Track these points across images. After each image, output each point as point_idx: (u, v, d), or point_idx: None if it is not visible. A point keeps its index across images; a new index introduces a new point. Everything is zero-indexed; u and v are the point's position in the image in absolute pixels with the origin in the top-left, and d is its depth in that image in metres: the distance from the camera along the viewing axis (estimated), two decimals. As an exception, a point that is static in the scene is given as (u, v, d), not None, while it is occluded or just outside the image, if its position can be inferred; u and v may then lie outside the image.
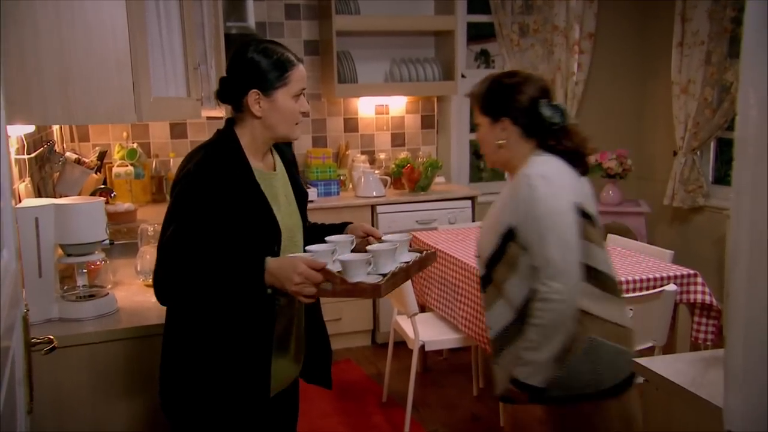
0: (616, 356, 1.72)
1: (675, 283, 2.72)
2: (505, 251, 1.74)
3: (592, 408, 1.72)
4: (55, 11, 1.72)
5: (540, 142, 1.79)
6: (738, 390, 0.83)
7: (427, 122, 4.70)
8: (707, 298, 2.79)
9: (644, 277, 2.74)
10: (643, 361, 1.59)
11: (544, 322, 1.65)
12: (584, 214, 1.73)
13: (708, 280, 2.92)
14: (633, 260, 2.99)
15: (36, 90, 1.72)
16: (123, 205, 3.43)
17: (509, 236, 1.73)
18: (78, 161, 3.15)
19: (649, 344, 2.67)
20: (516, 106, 1.77)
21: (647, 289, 2.70)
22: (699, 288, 2.80)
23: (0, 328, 1.05)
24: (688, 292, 2.80)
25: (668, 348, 2.78)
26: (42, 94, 1.72)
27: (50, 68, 1.72)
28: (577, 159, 1.81)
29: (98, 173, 3.53)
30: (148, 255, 2.23)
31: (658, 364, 1.56)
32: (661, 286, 2.69)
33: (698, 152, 4.53)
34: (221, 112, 3.08)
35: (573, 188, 1.75)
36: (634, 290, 2.70)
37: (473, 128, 4.94)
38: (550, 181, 1.71)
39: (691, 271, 2.80)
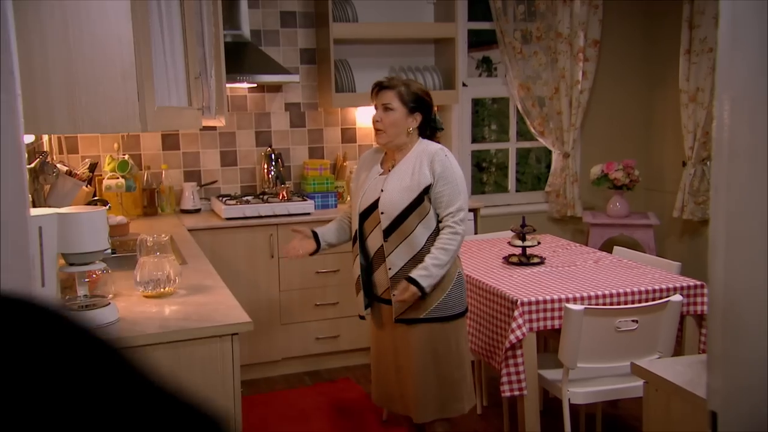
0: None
1: (681, 295, 2.85)
2: (419, 204, 2.51)
3: (460, 323, 2.63)
4: (62, 22, 1.87)
5: (423, 135, 2.66)
6: (719, 372, 0.97)
7: (427, 132, 4.84)
8: (715, 309, 2.93)
9: (650, 288, 2.88)
10: (642, 363, 1.72)
11: (454, 247, 2.51)
12: None
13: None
14: (639, 271, 3.13)
15: (42, 100, 1.87)
16: (116, 218, 3.56)
17: (425, 192, 2.51)
18: (69, 173, 3.29)
19: (656, 356, 2.80)
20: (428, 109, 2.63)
21: (653, 300, 2.84)
22: (706, 299, 2.94)
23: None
24: (695, 303, 2.94)
25: (676, 361, 2.91)
26: (48, 103, 1.87)
27: (57, 78, 1.86)
28: None
29: (89, 186, 3.67)
30: (147, 265, 2.36)
31: (658, 366, 1.70)
32: (668, 297, 2.83)
33: (708, 162, 4.68)
34: (220, 122, 3.23)
35: None
36: (639, 301, 2.84)
37: (475, 139, 5.11)
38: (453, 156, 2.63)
39: (698, 282, 2.94)
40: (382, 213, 2.55)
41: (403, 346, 2.62)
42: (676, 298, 2.77)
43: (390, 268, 2.56)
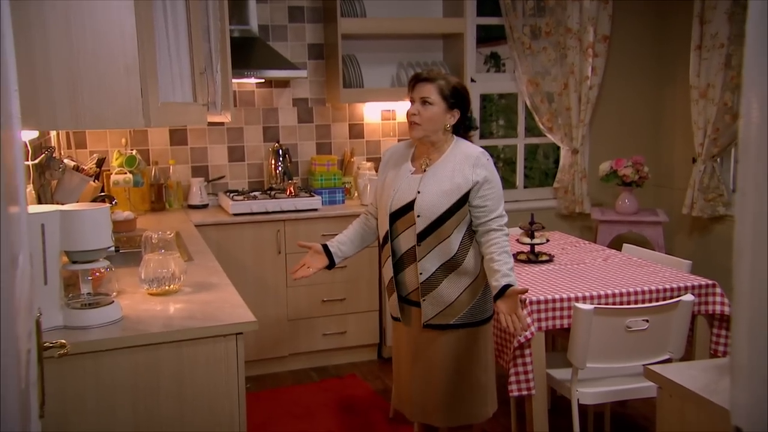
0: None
1: (693, 294, 2.78)
2: (459, 208, 2.38)
3: (487, 327, 2.54)
4: (64, 16, 1.81)
5: (456, 133, 2.51)
6: (744, 385, 0.90)
7: (435, 128, 4.78)
8: (726, 309, 2.86)
9: (661, 287, 2.81)
10: (656, 368, 1.66)
11: (508, 249, 2.39)
12: None
13: (728, 291, 2.98)
14: (649, 270, 3.06)
15: (44, 95, 1.82)
16: (122, 214, 3.52)
17: (465, 197, 2.38)
18: (77, 168, 3.25)
19: (666, 356, 2.74)
20: (466, 106, 2.49)
21: (664, 299, 2.77)
22: (718, 299, 2.87)
23: (21, 332, 1.14)
24: (706, 303, 2.87)
25: (685, 361, 2.84)
26: (50, 99, 1.82)
27: (59, 73, 1.81)
28: None
29: (96, 181, 3.63)
30: (152, 263, 2.31)
31: (672, 370, 1.63)
32: (679, 296, 2.76)
33: (718, 159, 4.60)
34: (226, 117, 3.17)
35: None
36: (650, 300, 2.77)
37: (483, 134, 5.04)
38: None
39: (710, 282, 2.87)
40: (418, 216, 2.39)
41: (426, 352, 2.49)
42: (688, 297, 2.70)
43: (421, 273, 2.42)
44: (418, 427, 2.83)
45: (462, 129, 2.50)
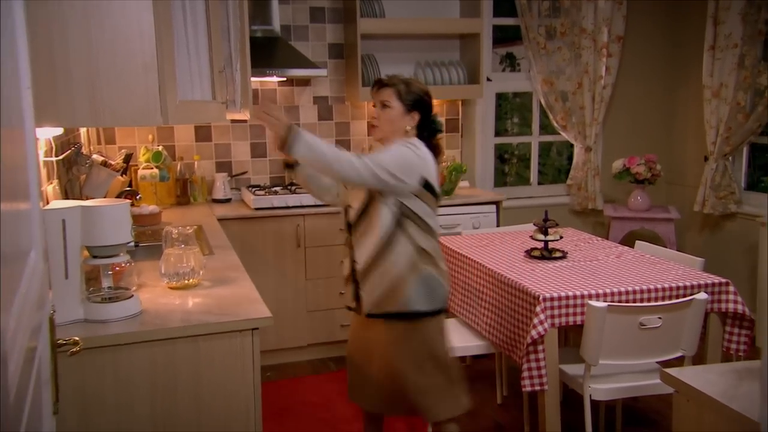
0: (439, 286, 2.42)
1: (706, 292, 2.67)
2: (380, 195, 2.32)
3: (432, 324, 2.42)
4: (83, 14, 1.74)
5: (421, 135, 2.45)
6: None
7: (451, 126, 4.68)
8: (739, 307, 2.74)
9: (674, 285, 2.69)
10: (672, 371, 1.56)
11: (344, 159, 2.24)
12: (429, 187, 2.37)
13: (740, 288, 2.87)
14: (662, 267, 2.94)
15: (64, 92, 1.75)
16: (148, 208, 3.47)
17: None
18: (104, 163, 3.20)
19: (679, 354, 2.63)
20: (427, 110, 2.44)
21: (677, 297, 2.66)
22: (731, 297, 2.75)
23: (28, 329, 1.07)
24: (719, 301, 2.75)
25: (698, 358, 2.73)
26: (70, 96, 1.75)
27: (78, 71, 1.74)
28: (437, 155, 2.47)
29: (124, 176, 3.58)
30: (172, 258, 2.25)
31: (688, 374, 1.53)
32: (692, 294, 2.64)
33: (730, 158, 4.45)
34: (245, 115, 3.10)
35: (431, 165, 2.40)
36: (663, 298, 2.66)
37: (499, 132, 4.93)
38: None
39: (723, 280, 2.75)
40: (350, 207, 2.44)
41: (371, 343, 2.46)
42: (701, 296, 2.59)
43: (356, 261, 2.41)
44: (366, 416, 2.72)
45: (427, 133, 2.45)
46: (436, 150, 2.45)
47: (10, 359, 0.87)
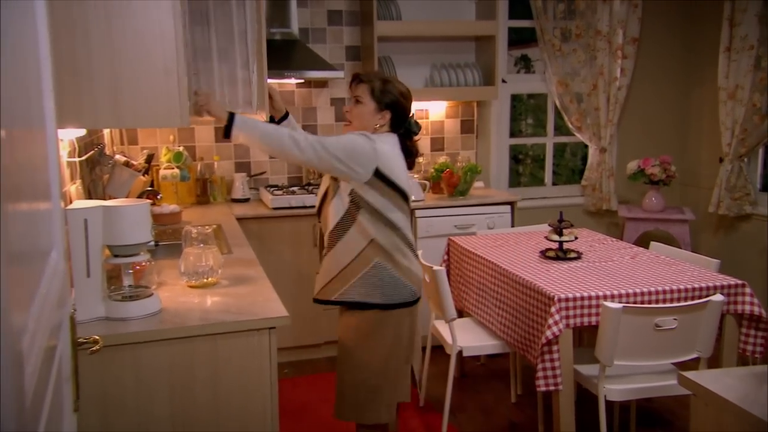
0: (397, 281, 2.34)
1: (722, 294, 2.61)
2: (335, 183, 2.34)
3: (379, 319, 2.34)
4: (106, 18, 1.74)
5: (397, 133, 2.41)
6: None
7: (466, 127, 4.65)
8: (756, 309, 2.68)
9: (689, 286, 2.64)
10: (690, 374, 1.52)
11: (282, 138, 2.24)
12: (387, 181, 2.29)
13: (755, 289, 2.81)
14: (677, 269, 2.89)
15: (87, 94, 1.74)
16: (168, 207, 3.47)
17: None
18: (127, 164, 3.20)
19: (694, 355, 2.58)
20: (400, 110, 2.39)
21: (692, 299, 2.61)
22: (747, 299, 2.69)
23: (48, 327, 1.06)
24: (735, 302, 2.69)
25: (714, 359, 2.67)
26: (93, 98, 1.74)
27: (101, 73, 1.74)
28: (409, 155, 2.44)
29: (146, 175, 3.59)
30: (191, 257, 2.24)
31: (707, 378, 1.49)
32: (708, 296, 2.59)
33: (746, 159, 4.37)
34: (261, 116, 3.09)
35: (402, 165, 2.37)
36: (678, 300, 2.61)
37: (513, 133, 4.88)
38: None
39: (739, 282, 2.69)
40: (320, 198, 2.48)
41: (336, 330, 2.46)
42: (717, 297, 2.53)
43: (325, 246, 2.42)
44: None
45: (403, 132, 2.41)
46: (410, 150, 2.41)
47: (28, 360, 0.86)
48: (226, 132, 2.18)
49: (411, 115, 2.44)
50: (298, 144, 2.21)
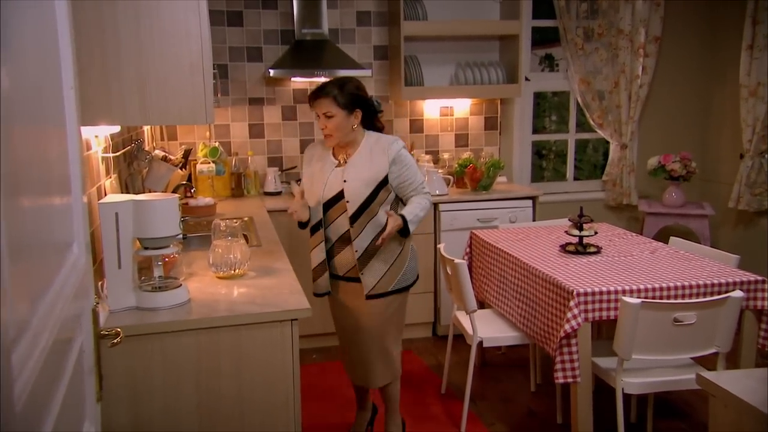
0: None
1: (741, 289, 2.48)
2: (380, 190, 2.41)
3: (408, 293, 2.59)
4: (134, 18, 1.69)
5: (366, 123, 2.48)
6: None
7: (490, 124, 4.53)
8: (776, 305, 2.53)
9: (709, 282, 2.51)
10: (709, 375, 1.41)
11: (429, 206, 2.51)
12: None
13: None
14: (697, 264, 2.75)
15: (116, 92, 1.70)
16: (204, 200, 3.45)
17: (385, 180, 2.40)
18: (164, 159, 3.18)
19: (713, 350, 2.45)
20: (364, 102, 2.44)
21: (712, 294, 2.48)
22: (766, 295, 2.54)
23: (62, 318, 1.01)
24: (755, 298, 2.55)
25: (732, 354, 2.54)
26: (121, 96, 1.70)
27: (129, 72, 1.69)
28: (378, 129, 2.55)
29: (183, 170, 3.57)
30: (219, 249, 2.20)
31: (726, 379, 1.38)
32: (727, 291, 2.46)
33: (766, 155, 4.17)
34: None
35: None
36: (698, 295, 2.48)
37: (536, 130, 4.75)
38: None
39: (759, 278, 2.55)
40: (348, 201, 2.41)
41: (367, 320, 2.49)
42: (737, 293, 2.40)
43: (357, 251, 2.43)
44: (358, 390, 2.82)
45: (369, 117, 2.46)
46: (378, 128, 2.51)
47: (27, 354, 0.81)
48: (404, 234, 2.44)
49: (371, 96, 2.48)
50: (429, 200, 2.50)
